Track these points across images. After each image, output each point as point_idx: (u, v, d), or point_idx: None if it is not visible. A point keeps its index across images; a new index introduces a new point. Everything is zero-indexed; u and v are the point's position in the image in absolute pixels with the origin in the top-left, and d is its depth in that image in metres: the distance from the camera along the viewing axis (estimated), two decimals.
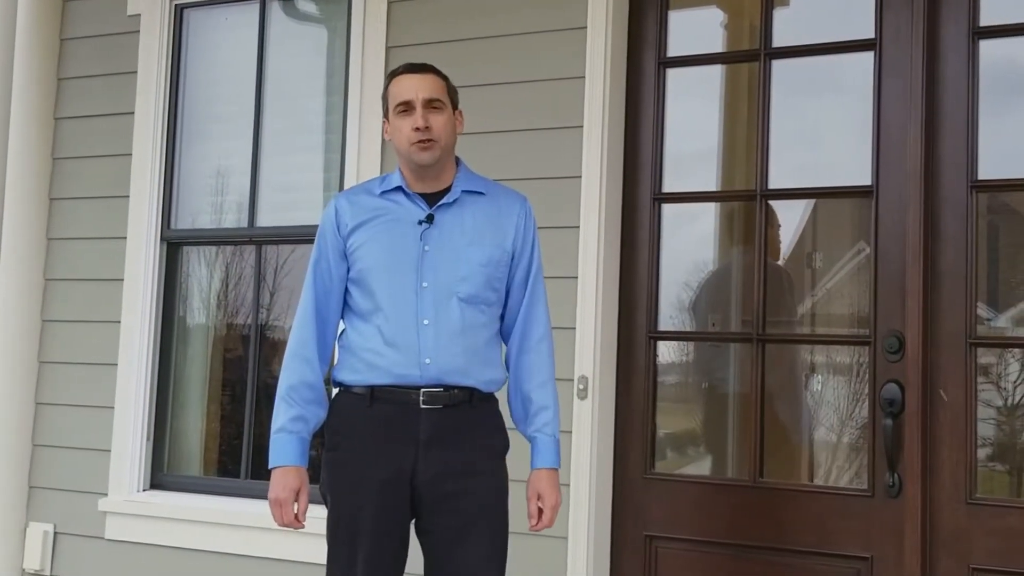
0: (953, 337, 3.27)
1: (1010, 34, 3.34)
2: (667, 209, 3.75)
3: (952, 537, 3.24)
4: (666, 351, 3.80)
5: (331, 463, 2.83)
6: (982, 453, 3.32)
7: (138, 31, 4.52)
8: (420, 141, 2.79)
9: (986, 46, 3.35)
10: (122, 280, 4.42)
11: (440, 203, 2.84)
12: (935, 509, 3.26)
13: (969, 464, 3.23)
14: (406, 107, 2.82)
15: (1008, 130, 3.36)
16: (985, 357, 3.36)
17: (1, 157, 4.17)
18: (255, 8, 4.43)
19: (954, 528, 3.24)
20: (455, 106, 2.91)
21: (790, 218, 3.76)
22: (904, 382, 3.28)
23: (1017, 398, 3.40)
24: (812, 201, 3.77)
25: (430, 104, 2.82)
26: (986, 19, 3.34)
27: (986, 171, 3.30)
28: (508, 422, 2.90)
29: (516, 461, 2.88)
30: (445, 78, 2.90)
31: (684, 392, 3.94)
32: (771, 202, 3.64)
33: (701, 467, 3.88)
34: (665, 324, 3.74)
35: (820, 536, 3.39)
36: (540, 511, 2.83)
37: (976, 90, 3.32)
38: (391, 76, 2.91)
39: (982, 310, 3.38)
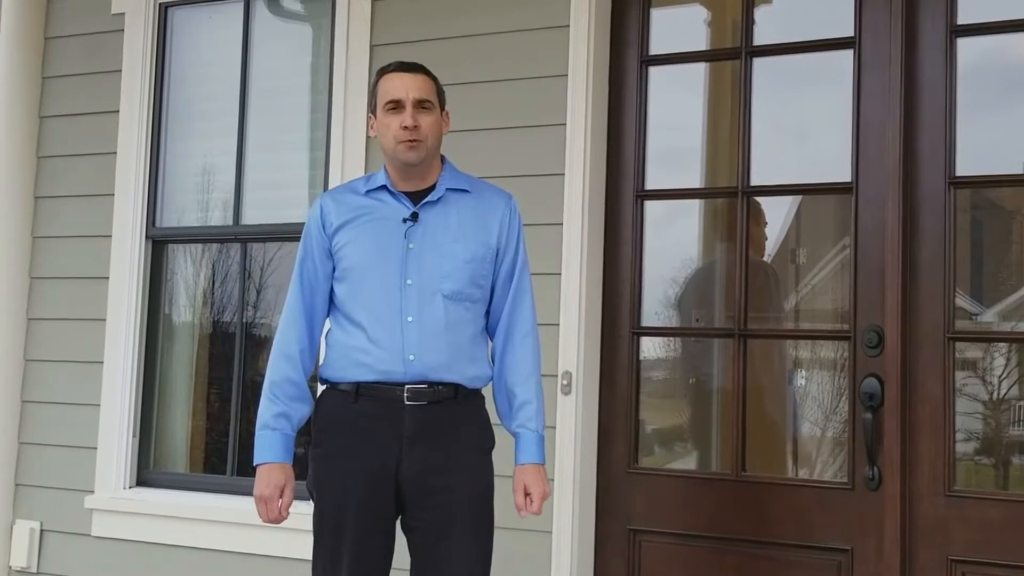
0: (931, 331, 3.31)
1: (986, 32, 3.38)
2: (650, 206, 3.78)
3: (931, 529, 3.27)
4: (649, 347, 3.83)
5: (317, 459, 2.85)
6: (960, 446, 3.35)
7: (123, 30, 4.52)
8: (408, 140, 2.81)
9: (963, 44, 3.38)
10: (107, 278, 4.42)
11: (425, 201, 2.86)
12: (914, 501, 3.29)
13: (948, 457, 3.27)
14: (396, 105, 2.83)
15: (985, 127, 3.40)
16: (963, 351, 3.39)
17: None
18: (239, 7, 4.44)
19: (933, 520, 3.27)
20: (442, 107, 2.93)
21: (777, 215, 3.79)
22: (883, 376, 3.32)
23: (996, 391, 3.44)
24: (799, 198, 3.80)
25: (420, 104, 2.83)
26: (963, 17, 3.37)
27: (964, 167, 3.34)
28: (495, 418, 2.92)
29: (501, 457, 2.91)
30: (435, 79, 2.92)
31: (667, 387, 3.97)
32: (758, 199, 3.67)
33: (684, 462, 3.91)
34: (649, 320, 3.77)
35: (801, 529, 3.42)
36: (527, 501, 2.82)
37: (954, 87, 3.36)
38: (381, 73, 2.92)
39: (968, 304, 3.42)
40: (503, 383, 2.89)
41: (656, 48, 3.80)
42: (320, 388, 2.92)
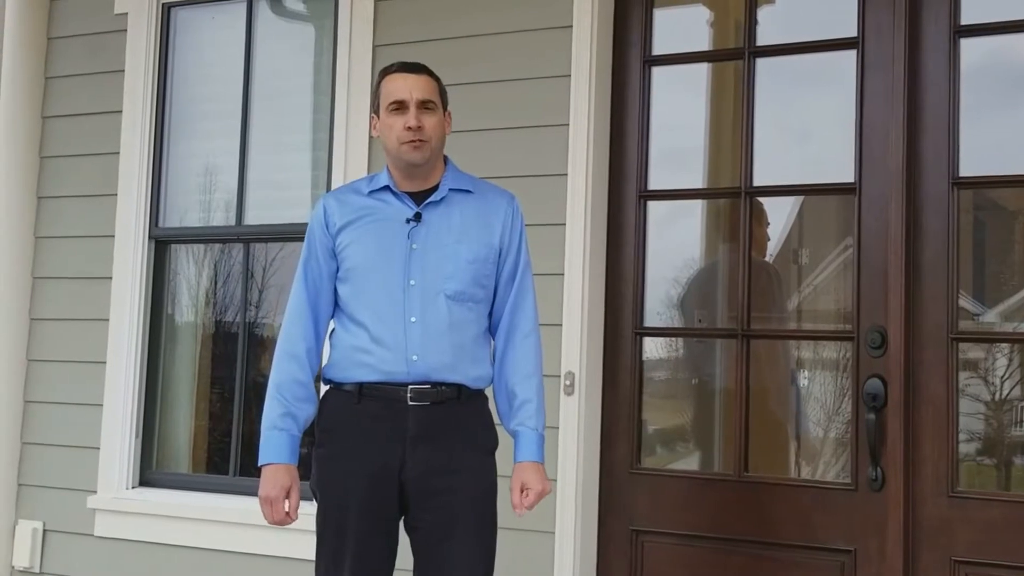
0: (934, 332, 3.30)
1: (990, 32, 3.38)
2: (652, 206, 3.78)
3: (934, 530, 3.27)
4: (652, 347, 3.83)
5: (320, 460, 2.85)
6: (963, 447, 3.35)
7: (125, 30, 4.52)
8: (412, 141, 2.81)
9: (967, 44, 3.38)
10: (110, 278, 4.42)
11: (428, 201, 2.86)
12: (917, 502, 3.29)
13: (951, 457, 3.27)
14: (399, 106, 2.83)
15: (989, 127, 3.40)
16: (966, 352, 3.39)
17: None
18: (242, 7, 4.44)
19: (936, 521, 3.27)
20: (445, 107, 2.92)
21: (779, 215, 3.79)
22: (886, 377, 3.31)
23: (999, 392, 3.44)
24: (801, 198, 3.80)
25: (423, 105, 2.83)
26: (967, 18, 3.37)
27: (967, 168, 3.33)
28: (497, 418, 2.92)
29: (504, 458, 2.90)
30: (437, 79, 2.91)
31: (670, 388, 3.97)
32: (760, 199, 3.67)
33: (687, 462, 3.91)
34: (651, 320, 3.77)
35: (804, 529, 3.42)
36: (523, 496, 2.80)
37: (957, 88, 3.36)
38: (384, 73, 2.92)
39: (970, 305, 3.41)
40: (504, 383, 2.89)
41: (659, 48, 3.80)
42: (324, 388, 2.91)
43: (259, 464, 2.82)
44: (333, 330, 2.92)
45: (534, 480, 2.81)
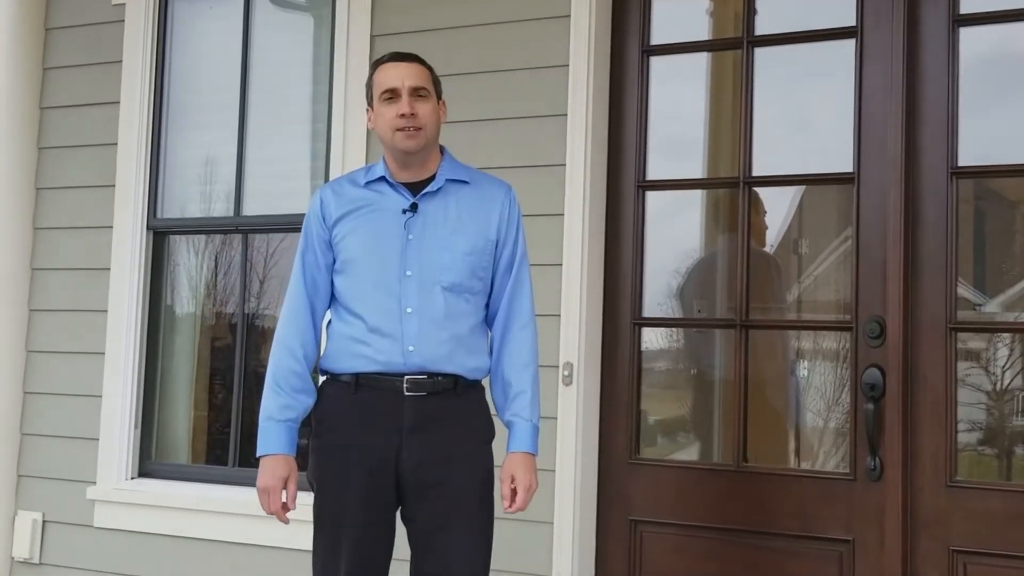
0: (933, 322, 3.30)
1: (989, 21, 3.37)
2: (651, 196, 3.77)
3: (932, 520, 3.27)
4: (651, 337, 3.82)
5: (317, 450, 2.85)
6: (963, 437, 3.35)
7: (123, 20, 4.51)
8: (405, 128, 2.80)
9: (966, 33, 3.37)
10: (109, 269, 4.42)
11: (424, 192, 2.85)
12: (916, 492, 3.29)
13: (949, 448, 3.27)
14: (392, 95, 2.83)
15: (988, 117, 3.38)
16: (966, 342, 3.39)
17: None
18: None
19: (934, 511, 3.27)
20: (439, 96, 2.92)
21: (779, 205, 3.78)
22: (885, 367, 3.31)
23: (999, 382, 3.43)
24: (801, 188, 3.79)
25: (416, 92, 2.83)
26: (966, 6, 3.36)
27: (966, 158, 3.33)
28: (494, 409, 2.92)
29: (501, 450, 2.90)
30: (429, 68, 2.91)
31: (669, 378, 3.97)
32: (758, 189, 3.66)
33: (686, 452, 3.91)
34: (650, 311, 3.76)
35: (803, 520, 3.42)
36: (514, 493, 2.81)
37: (956, 77, 3.35)
38: (375, 65, 2.92)
39: (971, 295, 3.41)
40: (500, 374, 2.89)
41: (657, 38, 3.79)
42: (321, 379, 2.91)
43: (257, 455, 2.83)
44: (330, 321, 2.92)
45: (522, 474, 2.81)
